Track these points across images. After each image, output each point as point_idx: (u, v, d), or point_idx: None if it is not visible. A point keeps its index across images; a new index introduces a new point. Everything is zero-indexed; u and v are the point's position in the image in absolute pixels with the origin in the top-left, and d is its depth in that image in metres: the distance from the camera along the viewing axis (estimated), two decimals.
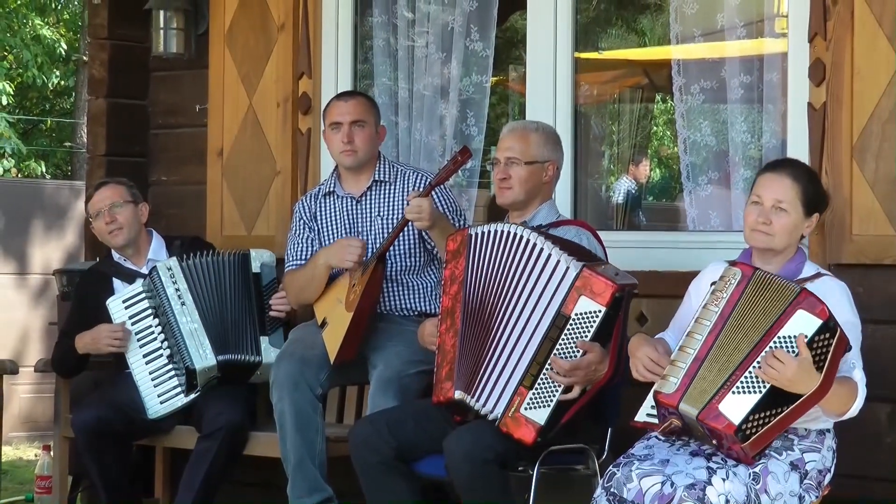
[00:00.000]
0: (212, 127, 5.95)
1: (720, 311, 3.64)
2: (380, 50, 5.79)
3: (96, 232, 5.29)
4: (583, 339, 4.03)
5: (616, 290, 4.03)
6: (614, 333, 4.08)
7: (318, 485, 4.72)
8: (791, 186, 3.79)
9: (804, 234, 3.85)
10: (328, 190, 5.01)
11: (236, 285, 5.14)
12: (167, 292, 5.08)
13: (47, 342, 8.98)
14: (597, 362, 4.05)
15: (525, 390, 4.09)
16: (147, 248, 5.29)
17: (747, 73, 5.02)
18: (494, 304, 4.19)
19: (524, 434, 4.06)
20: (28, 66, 17.24)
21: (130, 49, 6.24)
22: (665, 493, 3.53)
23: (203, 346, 5.04)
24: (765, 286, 3.62)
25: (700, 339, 3.63)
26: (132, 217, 5.24)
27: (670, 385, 3.62)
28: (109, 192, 5.27)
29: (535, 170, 4.43)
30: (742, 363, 3.55)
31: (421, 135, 5.69)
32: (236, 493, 5.38)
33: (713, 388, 3.56)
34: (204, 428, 4.95)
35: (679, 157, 5.23)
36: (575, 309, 4.05)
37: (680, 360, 3.64)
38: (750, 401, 3.52)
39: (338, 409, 5.35)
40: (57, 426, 5.43)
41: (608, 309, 4.02)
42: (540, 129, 4.51)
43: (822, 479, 3.74)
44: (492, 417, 4.12)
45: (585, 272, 4.07)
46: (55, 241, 9.77)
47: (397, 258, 4.87)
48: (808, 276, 3.80)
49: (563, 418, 4.08)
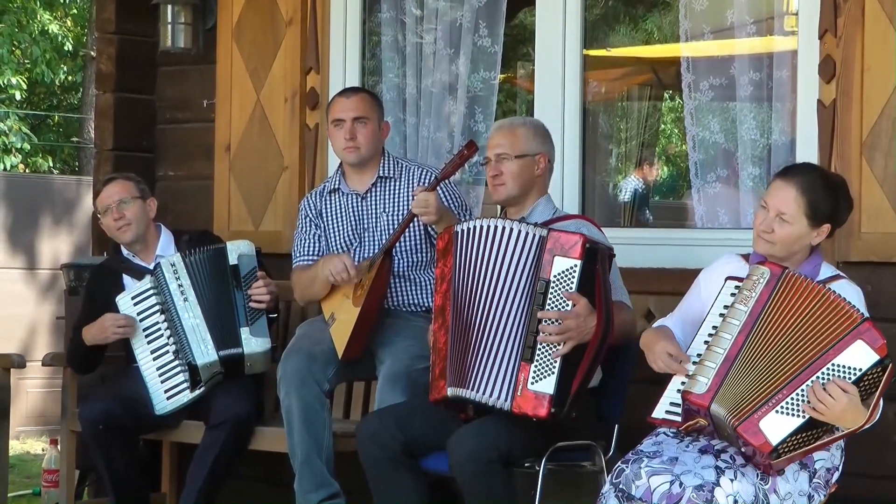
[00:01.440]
0: (219, 122, 5.95)
1: (749, 310, 3.61)
2: (388, 46, 5.79)
3: (105, 228, 5.29)
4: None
5: (585, 241, 4.08)
6: (597, 289, 4.08)
7: (326, 480, 4.72)
8: (796, 198, 3.74)
9: (813, 243, 3.80)
10: (333, 187, 5.01)
11: (223, 278, 5.12)
12: (170, 288, 5.08)
13: (55, 337, 9.00)
14: (585, 314, 4.06)
15: (527, 365, 4.09)
16: (155, 243, 5.28)
17: (756, 70, 5.01)
18: (479, 296, 4.19)
19: (537, 409, 4.04)
20: (37, 62, 17.26)
21: (138, 44, 6.23)
22: (673, 493, 3.52)
23: (205, 342, 5.03)
24: (798, 287, 3.59)
25: (730, 339, 3.60)
26: (140, 213, 5.24)
27: (701, 385, 3.59)
28: (117, 188, 5.26)
29: (526, 163, 4.43)
30: (791, 382, 3.51)
31: (429, 131, 5.69)
32: (243, 488, 5.38)
33: (754, 398, 3.51)
34: (211, 420, 4.95)
35: (687, 155, 5.22)
36: (553, 271, 4.09)
37: (709, 360, 3.61)
38: (791, 423, 3.49)
39: (345, 405, 5.35)
40: (64, 420, 5.44)
41: (583, 262, 4.07)
42: (527, 123, 4.53)
43: (829, 478, 3.74)
44: (500, 405, 4.11)
45: (553, 234, 4.13)
46: (63, 235, 9.78)
47: (404, 254, 4.86)
48: (824, 278, 3.78)
49: (573, 387, 4.06)
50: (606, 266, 4.15)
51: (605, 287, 4.12)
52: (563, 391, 4.05)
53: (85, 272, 5.93)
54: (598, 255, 4.11)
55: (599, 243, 4.16)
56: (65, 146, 20.31)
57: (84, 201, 9.61)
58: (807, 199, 3.73)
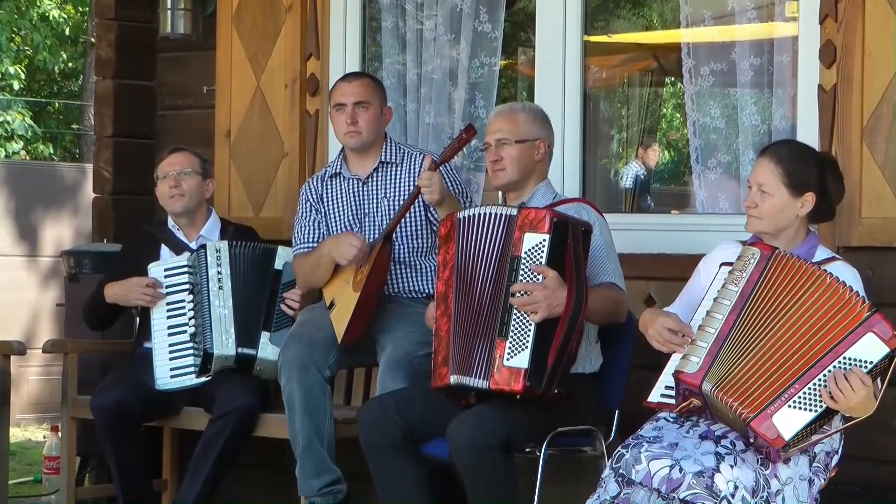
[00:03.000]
0: (219, 108, 5.95)
1: (740, 290, 3.63)
2: (388, 31, 5.78)
3: (158, 194, 5.28)
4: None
5: (553, 216, 4.10)
6: (567, 262, 4.10)
7: (327, 466, 4.72)
8: (771, 169, 3.80)
9: (800, 214, 3.83)
10: (334, 172, 5.01)
11: (262, 281, 5.13)
12: (209, 273, 5.08)
13: (57, 324, 9.00)
14: (554, 286, 4.07)
15: (502, 342, 4.10)
16: (202, 223, 5.29)
17: (757, 55, 5.00)
18: (482, 283, 4.19)
19: (513, 384, 4.06)
20: (38, 49, 17.24)
21: (138, 30, 6.23)
22: (673, 478, 3.52)
23: (228, 334, 5.04)
24: (788, 267, 3.61)
25: (721, 319, 3.62)
26: (196, 188, 5.24)
27: (692, 364, 3.60)
28: (181, 158, 5.27)
29: (526, 148, 4.43)
30: (802, 377, 3.50)
31: (430, 117, 5.68)
32: (245, 475, 5.39)
33: (764, 390, 3.50)
34: (215, 410, 4.95)
35: (688, 140, 5.22)
36: (523, 248, 4.12)
37: (701, 340, 3.63)
38: (804, 418, 3.50)
39: (346, 391, 5.35)
40: (65, 407, 5.44)
41: (552, 236, 4.09)
42: (527, 108, 4.54)
43: (829, 462, 3.74)
44: (479, 384, 4.11)
45: (522, 211, 4.15)
46: (65, 222, 9.78)
47: (404, 240, 4.86)
48: (820, 260, 3.79)
49: (549, 361, 4.06)
50: (580, 240, 4.16)
51: (577, 260, 4.13)
52: (538, 365, 4.06)
53: (85, 259, 5.94)
54: (568, 229, 4.12)
55: (570, 217, 4.18)
56: (65, 133, 20.30)
57: (85, 188, 9.60)
58: (782, 168, 3.79)
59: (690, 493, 3.49)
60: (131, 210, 6.12)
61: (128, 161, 6.17)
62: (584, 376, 4.35)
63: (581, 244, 4.16)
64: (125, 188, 6.17)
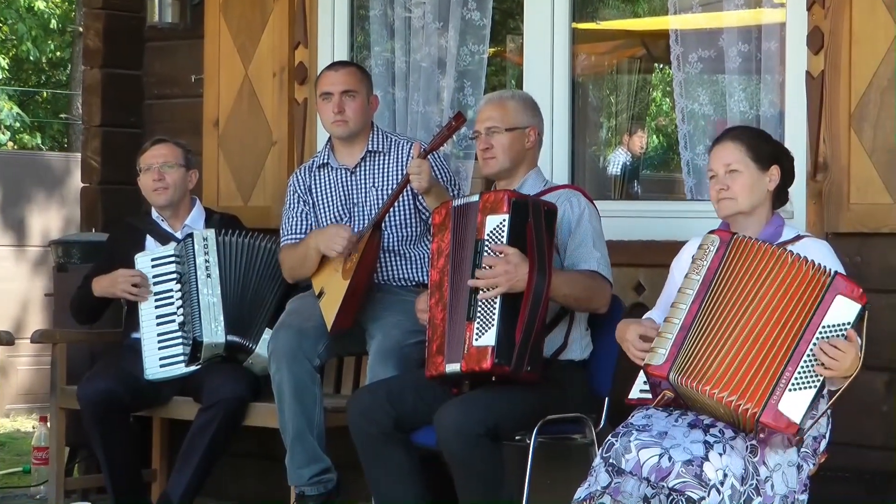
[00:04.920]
0: (207, 97, 5.93)
1: (701, 278, 3.66)
2: (376, 20, 5.77)
3: (141, 186, 5.28)
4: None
5: (511, 196, 4.12)
6: (528, 240, 4.11)
7: (317, 455, 4.73)
8: (735, 147, 3.85)
9: (769, 188, 3.87)
10: (322, 162, 5.00)
11: (264, 272, 5.12)
12: (196, 261, 5.08)
13: (46, 314, 8.98)
14: (516, 262, 4.08)
15: (470, 324, 4.12)
16: (186, 214, 5.28)
17: (745, 42, 5.00)
18: (468, 271, 4.19)
19: (481, 362, 4.06)
20: (23, 40, 17.17)
21: (125, 19, 6.20)
22: (663, 467, 3.53)
23: (217, 322, 5.03)
24: (747, 250, 3.63)
25: (684, 309, 3.64)
26: (180, 180, 5.23)
27: (659, 357, 3.62)
28: (164, 151, 5.26)
29: (516, 136, 4.43)
30: (791, 358, 3.52)
31: (418, 105, 5.67)
32: (235, 464, 5.39)
33: (760, 381, 3.51)
34: (204, 400, 4.94)
35: (677, 127, 5.22)
36: (486, 230, 4.14)
37: (667, 332, 3.65)
38: (807, 396, 3.51)
39: (335, 380, 5.35)
40: (53, 397, 5.43)
41: (511, 215, 4.11)
42: (517, 96, 4.53)
43: (817, 447, 3.75)
44: (452, 369, 4.12)
45: (484, 195, 4.18)
46: (53, 212, 9.76)
47: (393, 228, 4.86)
48: (787, 239, 3.83)
49: (517, 337, 4.07)
50: (541, 218, 4.16)
51: (538, 238, 4.14)
52: (506, 342, 4.07)
53: (73, 249, 5.92)
54: (528, 208, 4.14)
55: (532, 197, 4.20)
56: (53, 123, 20.24)
57: (73, 178, 9.58)
58: (745, 145, 3.86)
59: (680, 482, 3.49)
60: (119, 199, 6.10)
61: (116, 150, 6.15)
62: (574, 363, 4.35)
63: (543, 222, 4.17)
64: (113, 178, 6.15)
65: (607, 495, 3.57)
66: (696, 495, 3.47)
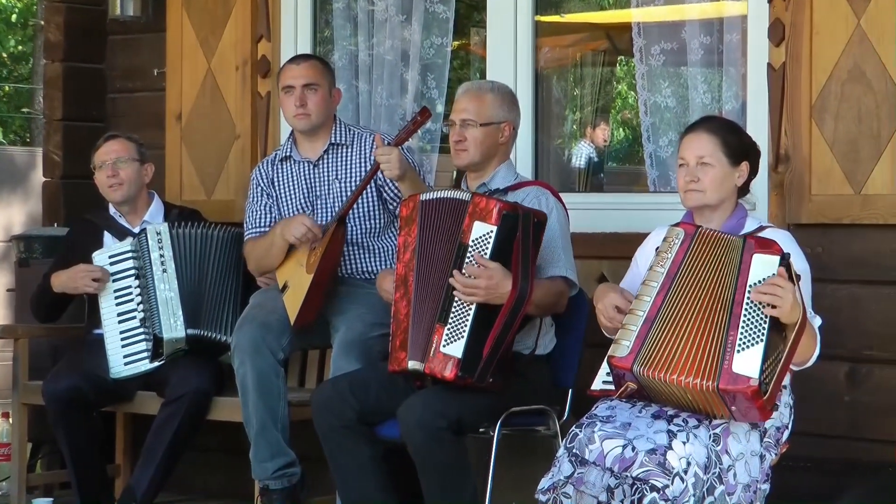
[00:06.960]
0: (170, 91, 5.90)
1: (666, 271, 3.67)
2: (340, 13, 5.75)
3: (97, 182, 5.24)
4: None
5: (504, 208, 4.09)
6: (514, 256, 4.08)
7: (281, 449, 4.72)
8: (709, 140, 3.85)
9: (738, 183, 3.88)
10: (285, 155, 4.99)
11: (222, 262, 5.10)
12: (151, 256, 5.05)
13: (8, 310, 8.91)
14: (499, 277, 4.06)
15: (441, 327, 4.10)
16: (145, 209, 5.25)
17: (707, 34, 5.02)
18: (441, 269, 4.18)
19: (444, 371, 4.06)
20: None
21: (87, 12, 6.17)
22: (626, 457, 3.54)
23: (175, 317, 5.01)
24: (709, 242, 3.65)
25: (648, 301, 3.65)
26: (135, 175, 5.19)
27: (623, 348, 3.63)
28: (117, 146, 5.21)
29: (490, 131, 4.41)
30: (731, 322, 3.54)
31: (382, 98, 5.66)
32: (200, 458, 5.37)
33: (706, 355, 3.53)
34: (168, 394, 4.93)
35: (640, 120, 5.24)
36: (471, 235, 4.11)
37: (631, 323, 3.65)
38: (757, 353, 3.52)
39: (299, 373, 5.34)
40: (15, 393, 5.40)
41: (499, 227, 4.07)
42: (496, 88, 4.50)
43: (780, 437, 3.77)
44: (414, 367, 4.11)
45: (476, 198, 4.14)
46: (16, 207, 9.70)
47: (358, 221, 4.85)
48: (751, 230, 3.85)
49: (484, 352, 4.06)
50: (530, 232, 4.13)
51: (524, 254, 4.11)
52: (473, 355, 4.06)
53: (35, 243, 5.88)
54: (518, 222, 4.10)
55: (523, 207, 4.15)
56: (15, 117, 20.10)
57: (36, 172, 9.51)
58: (719, 138, 3.85)
59: (643, 471, 3.50)
60: (82, 194, 6.06)
61: (78, 145, 6.11)
62: (537, 357, 4.36)
63: (531, 236, 4.13)
64: (75, 172, 6.11)
65: (570, 485, 3.58)
66: (660, 483, 3.48)
